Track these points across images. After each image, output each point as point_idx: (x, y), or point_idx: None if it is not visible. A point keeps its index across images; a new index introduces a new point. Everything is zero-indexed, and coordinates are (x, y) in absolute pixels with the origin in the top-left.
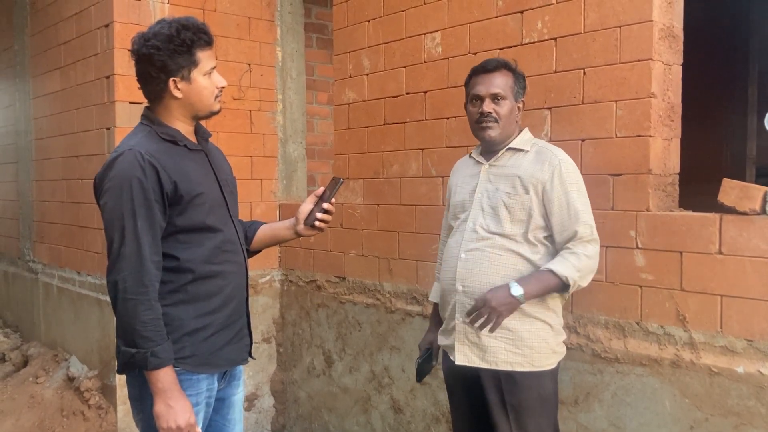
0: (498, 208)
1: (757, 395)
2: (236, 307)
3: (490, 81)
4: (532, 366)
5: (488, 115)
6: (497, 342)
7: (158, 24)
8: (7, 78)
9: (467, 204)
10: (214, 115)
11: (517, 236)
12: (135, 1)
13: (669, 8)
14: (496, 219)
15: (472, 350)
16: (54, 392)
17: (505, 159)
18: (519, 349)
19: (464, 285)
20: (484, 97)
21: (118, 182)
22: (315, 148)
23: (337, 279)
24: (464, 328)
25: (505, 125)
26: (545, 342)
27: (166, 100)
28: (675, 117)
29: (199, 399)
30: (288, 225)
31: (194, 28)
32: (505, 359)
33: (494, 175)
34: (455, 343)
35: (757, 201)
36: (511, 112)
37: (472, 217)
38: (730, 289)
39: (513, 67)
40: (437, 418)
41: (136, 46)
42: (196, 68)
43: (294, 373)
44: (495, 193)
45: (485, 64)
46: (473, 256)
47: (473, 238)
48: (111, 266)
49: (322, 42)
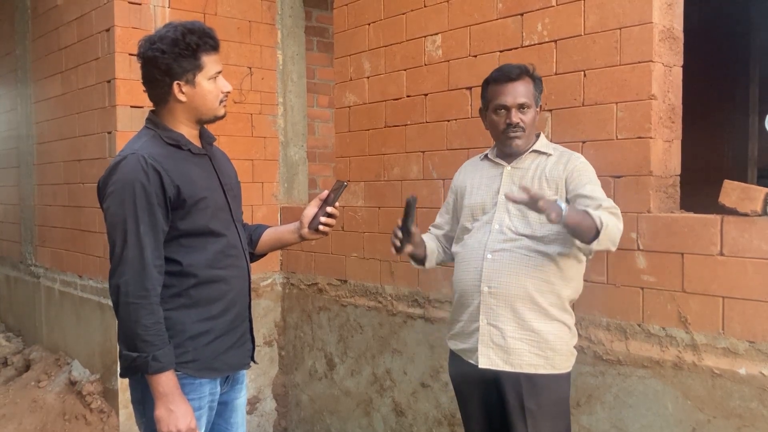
0: (525, 209)
1: (760, 397)
2: (239, 312)
3: (516, 90)
4: (553, 368)
5: (516, 125)
6: (522, 344)
7: (165, 28)
8: (8, 82)
9: (488, 205)
10: (218, 119)
11: (545, 238)
12: (136, 6)
13: (669, 10)
14: (524, 220)
15: (496, 353)
16: (56, 396)
17: (528, 161)
18: (543, 352)
19: (490, 286)
20: (511, 107)
21: (121, 186)
22: (316, 151)
23: (338, 282)
24: (489, 330)
25: (530, 133)
26: (566, 344)
27: (170, 103)
28: (676, 118)
29: (201, 403)
30: (292, 229)
31: (200, 33)
32: (530, 362)
33: (518, 177)
34: (478, 345)
35: (758, 202)
36: (534, 119)
37: (497, 219)
38: (732, 290)
39: (532, 72)
40: (439, 421)
41: (141, 49)
42: (201, 72)
43: (296, 376)
44: None
45: (508, 72)
46: (501, 256)
47: (500, 239)
48: (113, 270)
49: (322, 45)
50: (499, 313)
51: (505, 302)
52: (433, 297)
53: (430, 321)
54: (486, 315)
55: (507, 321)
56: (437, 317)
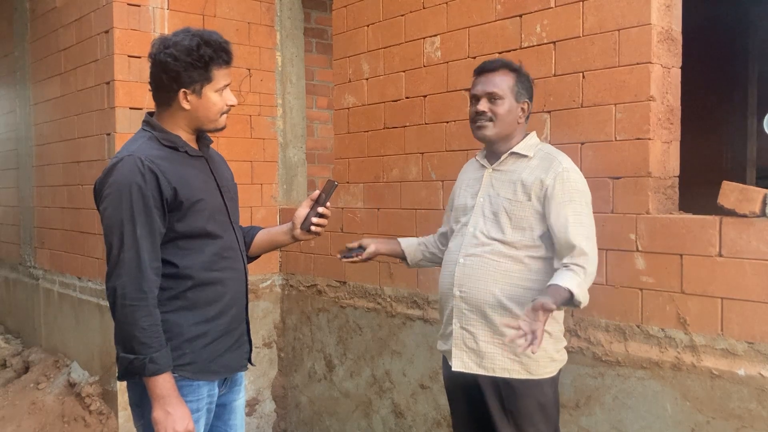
0: (499, 213)
1: (759, 398)
2: (236, 314)
3: (488, 80)
4: (528, 374)
5: (482, 114)
6: (495, 348)
7: (182, 33)
8: (7, 84)
9: (469, 208)
10: (217, 131)
11: (516, 243)
12: (135, 7)
13: (667, 11)
14: (496, 225)
15: (469, 356)
16: (55, 398)
17: (509, 164)
18: (516, 357)
19: (462, 290)
20: (480, 97)
21: (117, 188)
22: (315, 153)
23: (337, 283)
24: (462, 333)
25: (502, 125)
26: (543, 350)
27: (173, 108)
28: (674, 120)
29: (199, 405)
30: (285, 230)
31: (216, 46)
32: (503, 366)
33: (497, 180)
34: (452, 348)
35: (757, 203)
36: (510, 112)
37: (473, 222)
38: (731, 291)
39: (516, 67)
40: (438, 422)
41: (154, 49)
42: (209, 84)
43: (295, 378)
44: (496, 199)
45: (486, 64)
46: (472, 261)
47: (473, 243)
48: (110, 272)
49: (321, 47)
50: (471, 317)
51: (475, 307)
52: (432, 298)
53: (429, 322)
54: (459, 318)
55: (479, 325)
56: (436, 318)
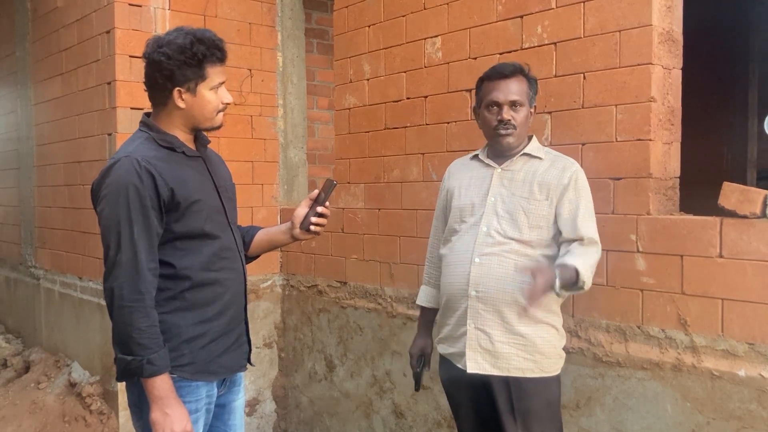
0: (516, 213)
1: (759, 399)
2: (235, 315)
3: (508, 87)
4: (542, 372)
5: (507, 122)
6: (510, 348)
7: (175, 32)
8: (8, 84)
9: (477, 207)
10: (215, 129)
11: (533, 242)
12: (136, 8)
13: (668, 12)
14: (513, 224)
15: (484, 357)
16: (56, 398)
17: (520, 164)
18: (531, 355)
19: (478, 290)
20: (503, 104)
21: (114, 189)
22: (316, 153)
23: (338, 284)
24: (477, 334)
25: (522, 131)
26: (554, 347)
27: (168, 107)
28: (675, 121)
29: (198, 405)
30: (284, 229)
31: (209, 43)
32: (518, 366)
33: (508, 180)
34: (466, 350)
35: (758, 204)
36: (527, 119)
37: (485, 221)
38: (731, 292)
39: (527, 72)
40: (439, 423)
41: (148, 49)
42: (204, 82)
43: (295, 378)
44: (511, 198)
45: (501, 69)
46: (489, 260)
47: (488, 243)
48: (107, 273)
49: (322, 47)
50: (487, 317)
51: (492, 307)
52: None
53: None
54: (473, 319)
55: (494, 325)
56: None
